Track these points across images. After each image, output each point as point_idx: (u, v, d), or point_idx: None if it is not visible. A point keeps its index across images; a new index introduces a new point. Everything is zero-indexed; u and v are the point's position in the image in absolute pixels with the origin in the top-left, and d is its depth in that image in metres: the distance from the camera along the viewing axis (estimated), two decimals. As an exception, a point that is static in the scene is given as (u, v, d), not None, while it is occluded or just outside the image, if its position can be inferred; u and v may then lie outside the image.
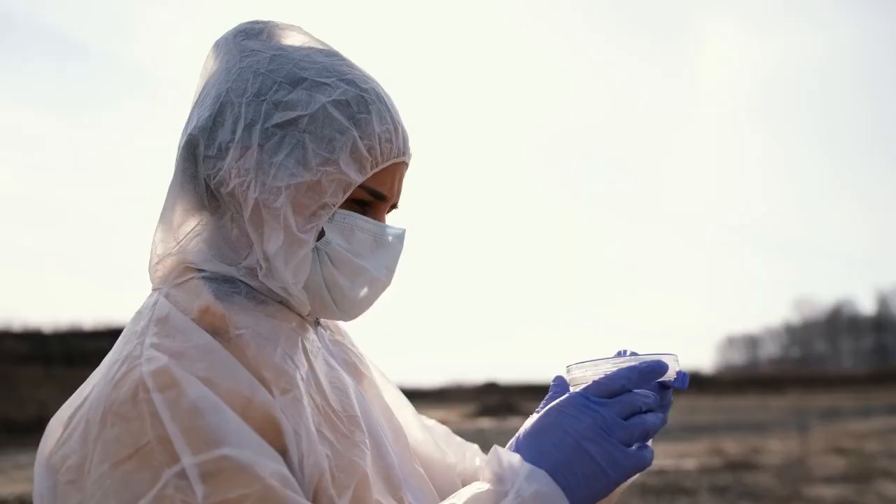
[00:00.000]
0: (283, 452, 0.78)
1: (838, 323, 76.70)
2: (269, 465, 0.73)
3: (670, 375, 0.94)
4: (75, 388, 0.83)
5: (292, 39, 0.94)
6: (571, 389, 0.98)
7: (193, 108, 0.93)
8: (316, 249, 0.88)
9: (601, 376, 0.91)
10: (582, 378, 0.95)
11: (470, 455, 1.18)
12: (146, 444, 0.71)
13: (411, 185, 0.99)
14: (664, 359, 0.93)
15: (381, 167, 0.90)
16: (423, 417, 1.17)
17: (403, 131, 0.93)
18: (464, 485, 1.11)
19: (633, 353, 0.93)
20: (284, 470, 0.75)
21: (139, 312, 0.87)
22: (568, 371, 0.97)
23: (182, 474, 0.70)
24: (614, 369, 0.89)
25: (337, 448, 0.84)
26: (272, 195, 0.86)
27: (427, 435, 1.11)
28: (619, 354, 0.93)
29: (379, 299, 0.96)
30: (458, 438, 1.21)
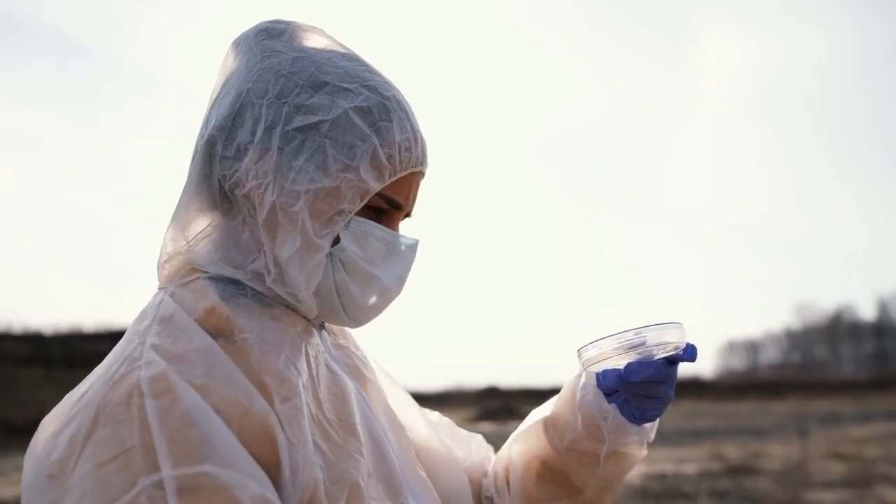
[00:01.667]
0: (277, 465, 0.77)
1: (839, 328, 76.56)
2: (250, 488, 0.72)
3: (679, 347, 0.95)
4: (76, 391, 0.82)
5: (314, 42, 0.93)
6: (584, 372, 1.01)
7: (212, 106, 0.91)
8: (330, 255, 0.88)
9: (609, 356, 0.95)
10: (592, 359, 0.97)
11: (476, 447, 1.19)
12: (130, 449, 0.71)
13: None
14: (668, 329, 0.94)
15: (399, 176, 0.89)
16: (427, 411, 1.17)
17: (423, 140, 0.93)
18: (470, 479, 1.12)
19: (639, 328, 0.95)
20: (267, 493, 0.74)
21: (144, 311, 0.86)
22: (579, 356, 0.98)
23: (159, 485, 0.69)
24: (617, 345, 0.95)
25: (330, 458, 0.83)
26: (290, 199, 0.85)
27: (432, 432, 1.11)
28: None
29: (387, 309, 0.96)
30: (463, 431, 1.21)
